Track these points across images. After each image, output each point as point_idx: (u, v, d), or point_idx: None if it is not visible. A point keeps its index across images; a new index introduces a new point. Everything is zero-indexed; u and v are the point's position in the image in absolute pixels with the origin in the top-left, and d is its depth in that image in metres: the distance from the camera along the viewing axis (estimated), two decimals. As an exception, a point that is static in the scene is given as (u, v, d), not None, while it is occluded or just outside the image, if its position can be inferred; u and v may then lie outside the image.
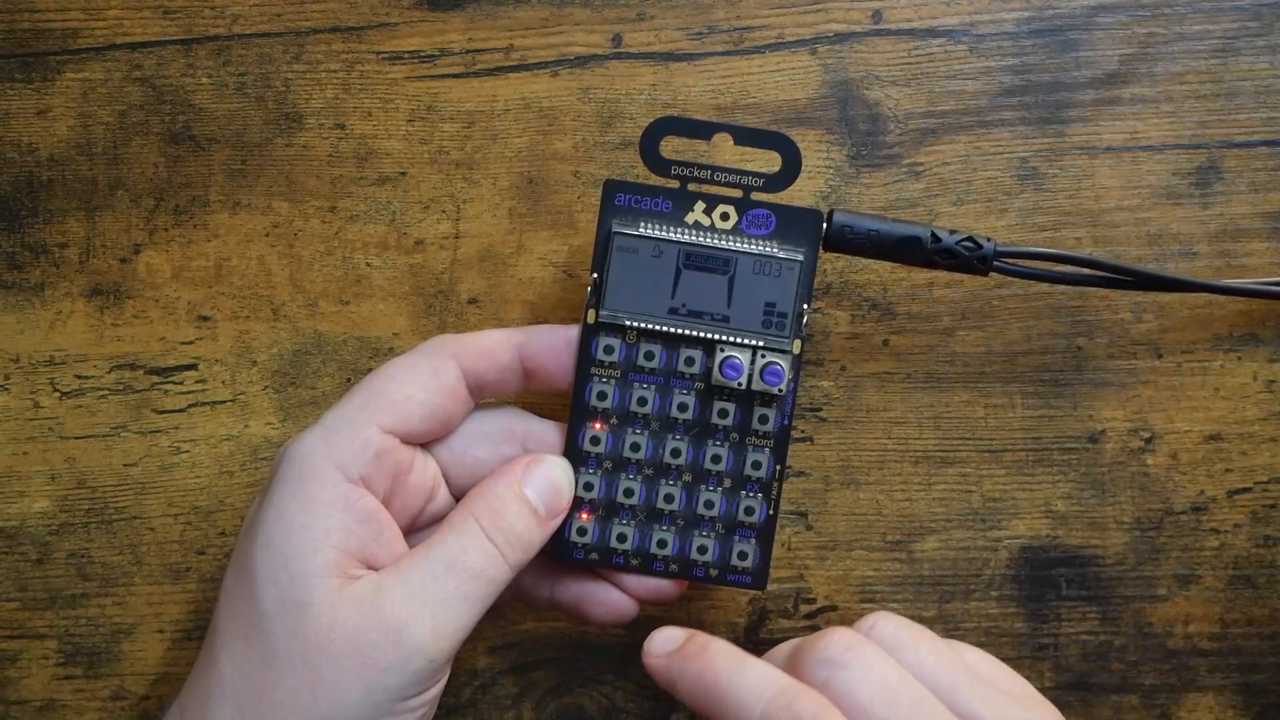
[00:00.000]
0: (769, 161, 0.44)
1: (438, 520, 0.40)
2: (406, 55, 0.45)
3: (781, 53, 0.45)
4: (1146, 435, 0.45)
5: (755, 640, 0.45)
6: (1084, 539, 0.45)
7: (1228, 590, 0.45)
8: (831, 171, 0.45)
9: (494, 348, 0.39)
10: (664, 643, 0.37)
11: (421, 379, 0.38)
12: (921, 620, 0.44)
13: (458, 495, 0.40)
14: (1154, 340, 0.45)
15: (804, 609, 0.45)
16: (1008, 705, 0.34)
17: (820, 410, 0.45)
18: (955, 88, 0.45)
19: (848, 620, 0.45)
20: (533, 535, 0.38)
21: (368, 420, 0.37)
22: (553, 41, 0.45)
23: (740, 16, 0.45)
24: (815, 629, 0.45)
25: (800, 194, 0.44)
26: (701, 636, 0.37)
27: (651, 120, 0.39)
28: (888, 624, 0.36)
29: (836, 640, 0.34)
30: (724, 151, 0.44)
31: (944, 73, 0.45)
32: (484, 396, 0.40)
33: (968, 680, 0.34)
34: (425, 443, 0.39)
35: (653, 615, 0.45)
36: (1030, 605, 0.45)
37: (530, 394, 0.43)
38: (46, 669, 0.45)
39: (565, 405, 0.40)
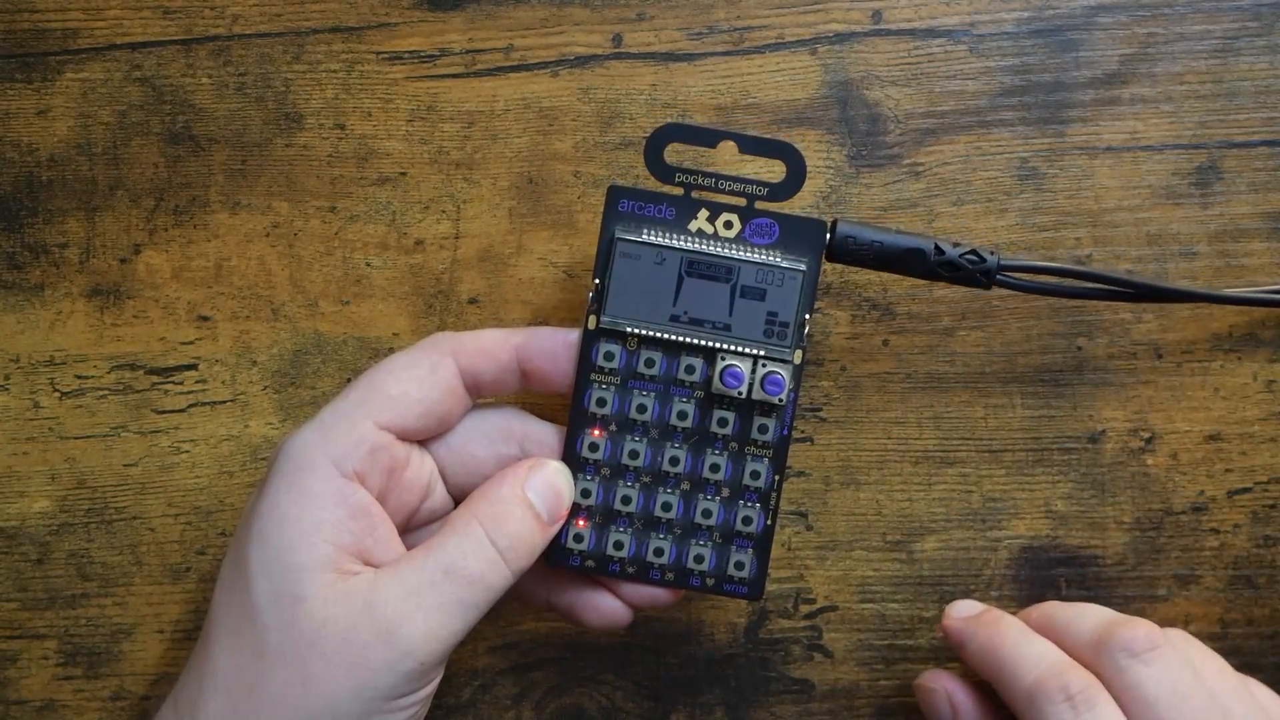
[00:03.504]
0: (773, 168, 0.44)
1: (435, 518, 0.39)
2: (406, 55, 0.45)
3: (781, 53, 0.45)
4: (1146, 435, 0.45)
5: (755, 640, 0.45)
6: (1084, 539, 0.45)
7: (1228, 590, 0.45)
8: (831, 172, 0.45)
9: (492, 347, 0.39)
10: (964, 609, 0.42)
11: (419, 376, 0.38)
12: (922, 620, 0.45)
13: (454, 493, 0.40)
14: (1154, 340, 0.44)
15: (804, 609, 0.45)
16: None
17: (820, 410, 0.45)
18: (955, 88, 0.45)
19: (848, 620, 0.45)
20: (535, 540, 0.37)
21: (364, 416, 0.37)
22: (553, 41, 0.45)
23: (740, 16, 0.45)
24: (815, 629, 0.45)
25: (800, 194, 0.44)
26: (996, 610, 0.41)
27: (656, 127, 0.39)
28: (1184, 640, 0.39)
29: (1144, 634, 0.38)
30: (727, 155, 0.44)
31: (944, 73, 0.45)
32: (481, 395, 0.40)
33: (1247, 711, 0.37)
34: (422, 440, 0.39)
35: (650, 616, 0.45)
36: (1031, 605, 0.45)
37: (530, 394, 0.43)
38: (46, 669, 0.45)
39: (565, 406, 0.40)
